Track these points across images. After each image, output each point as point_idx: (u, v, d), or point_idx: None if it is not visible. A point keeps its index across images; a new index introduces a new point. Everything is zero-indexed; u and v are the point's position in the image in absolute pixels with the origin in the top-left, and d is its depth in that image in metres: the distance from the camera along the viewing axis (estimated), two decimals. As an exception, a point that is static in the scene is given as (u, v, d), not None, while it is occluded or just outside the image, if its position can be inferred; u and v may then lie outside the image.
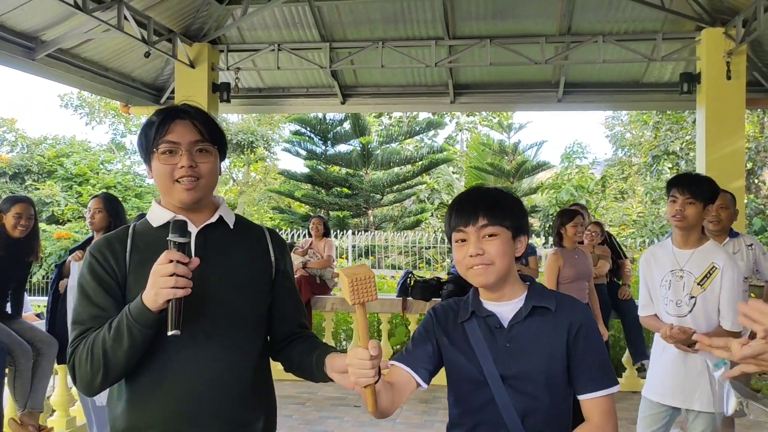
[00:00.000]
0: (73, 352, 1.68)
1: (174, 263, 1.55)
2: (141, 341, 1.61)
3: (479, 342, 1.76)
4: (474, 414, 1.78)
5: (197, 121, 1.76)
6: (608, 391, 1.75)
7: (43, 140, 23.88)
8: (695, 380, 3.21)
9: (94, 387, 1.67)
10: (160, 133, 1.73)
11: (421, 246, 16.88)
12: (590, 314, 1.83)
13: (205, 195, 1.78)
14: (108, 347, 1.62)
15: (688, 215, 3.18)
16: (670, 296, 3.27)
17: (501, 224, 1.74)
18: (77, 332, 1.69)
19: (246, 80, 9.27)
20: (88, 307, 1.71)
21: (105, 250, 1.75)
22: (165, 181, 1.74)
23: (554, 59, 7.89)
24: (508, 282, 1.79)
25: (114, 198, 4.51)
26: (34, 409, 4.33)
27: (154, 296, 1.56)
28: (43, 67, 7.09)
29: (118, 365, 1.64)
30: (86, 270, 1.74)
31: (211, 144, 1.77)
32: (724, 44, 7.13)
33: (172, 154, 1.73)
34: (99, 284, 1.71)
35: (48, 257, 18.10)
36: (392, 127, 23.39)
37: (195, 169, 1.73)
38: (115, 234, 1.80)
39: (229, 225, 1.85)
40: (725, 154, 7.16)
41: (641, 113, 19.43)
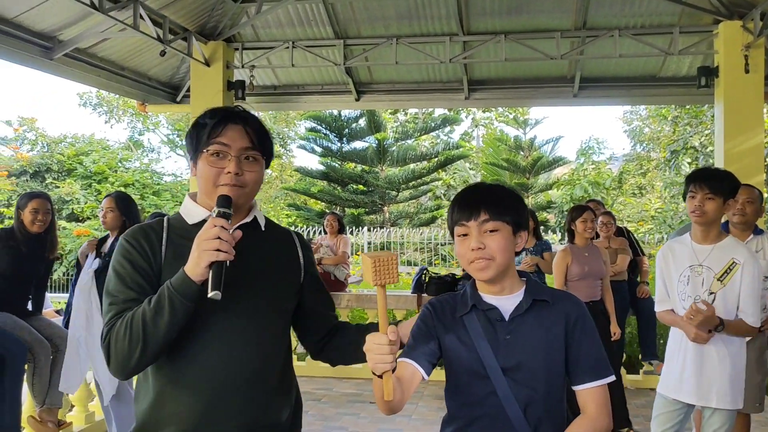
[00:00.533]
0: (110, 330, 1.66)
1: (218, 228, 1.57)
2: (182, 315, 1.61)
3: (479, 335, 1.79)
4: (474, 406, 1.81)
5: (250, 127, 1.76)
6: (603, 382, 1.79)
7: (63, 139, 24.13)
8: (711, 377, 3.19)
9: (130, 365, 1.65)
10: (212, 134, 1.73)
11: (436, 242, 16.87)
12: (585, 307, 1.86)
13: (246, 202, 1.81)
14: (148, 320, 1.61)
15: (707, 210, 3.16)
16: (689, 292, 3.25)
17: (502, 219, 1.77)
18: (114, 311, 1.68)
19: (261, 78, 9.30)
20: (124, 290, 1.70)
21: (141, 239, 1.75)
22: (208, 183, 1.75)
23: (570, 54, 7.83)
24: (508, 276, 1.83)
25: (126, 196, 4.55)
26: (53, 405, 4.38)
27: (197, 259, 1.57)
28: (61, 66, 7.16)
29: (156, 341, 1.62)
30: (121, 255, 1.74)
31: (260, 153, 1.78)
32: (742, 37, 7.04)
33: (220, 157, 1.73)
34: (135, 269, 1.71)
35: (68, 254, 18.31)
36: (408, 124, 23.39)
37: (240, 177, 1.73)
38: (149, 225, 1.80)
39: (261, 227, 1.88)
40: (744, 148, 7.08)
41: (660, 108, 19.25)
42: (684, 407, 3.32)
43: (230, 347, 1.72)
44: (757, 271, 3.16)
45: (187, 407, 1.70)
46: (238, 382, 1.72)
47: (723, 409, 3.19)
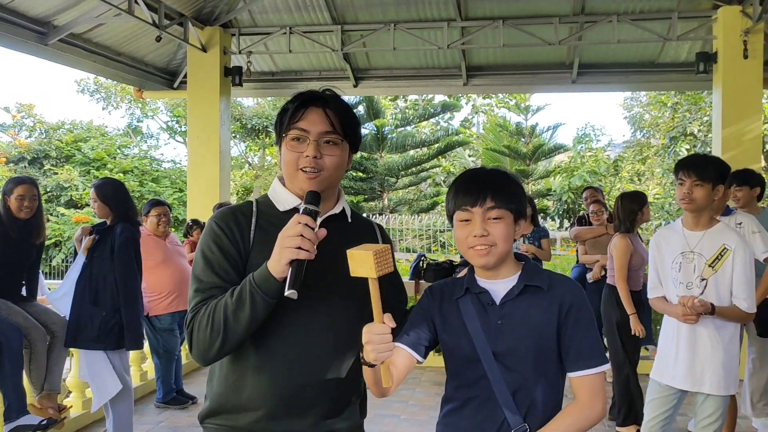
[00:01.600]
0: (194, 317, 1.67)
1: (302, 225, 1.56)
2: (262, 310, 1.61)
3: (472, 318, 1.79)
4: (467, 389, 1.83)
5: (331, 110, 1.74)
6: (597, 370, 1.77)
7: (61, 125, 24.10)
8: (704, 363, 3.19)
9: (210, 354, 1.66)
10: (292, 119, 1.73)
11: (436, 229, 16.87)
12: (582, 293, 1.85)
13: (327, 187, 1.77)
14: (229, 313, 1.61)
15: (696, 197, 3.16)
16: (681, 278, 3.25)
17: (506, 207, 1.76)
18: (199, 298, 1.69)
19: (258, 64, 9.26)
20: (210, 276, 1.70)
21: (231, 222, 1.75)
22: (290, 168, 1.74)
23: (568, 40, 7.79)
24: (505, 262, 1.82)
25: (104, 183, 4.40)
26: (51, 390, 4.39)
27: (278, 256, 1.56)
28: (56, 52, 7.12)
29: (237, 334, 1.63)
30: (210, 239, 1.74)
31: (340, 136, 1.75)
32: (741, 23, 7.00)
33: (300, 141, 1.72)
34: (223, 254, 1.71)
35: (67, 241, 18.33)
36: (407, 110, 23.31)
37: (319, 161, 1.71)
38: (238, 208, 1.81)
39: (348, 218, 1.87)
40: (742, 134, 7.06)
41: (660, 94, 19.19)
42: (677, 392, 3.33)
43: (311, 340, 1.72)
44: (748, 257, 3.16)
45: (266, 394, 1.72)
46: (315, 374, 1.73)
47: (716, 395, 3.20)
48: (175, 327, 5.63)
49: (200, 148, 8.23)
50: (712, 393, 3.20)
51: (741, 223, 4.26)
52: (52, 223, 18.96)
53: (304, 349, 1.72)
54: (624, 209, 4.96)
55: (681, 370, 3.26)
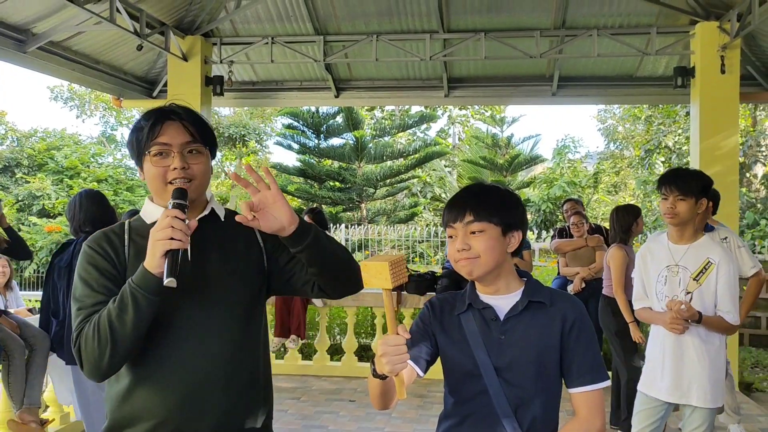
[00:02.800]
0: (79, 334, 1.67)
1: (171, 217, 1.60)
2: (146, 309, 1.61)
3: (474, 333, 1.80)
4: (467, 404, 1.83)
5: (188, 122, 1.78)
6: (598, 386, 1.80)
7: (34, 133, 23.74)
8: (691, 375, 3.22)
9: (102, 367, 1.66)
10: (151, 136, 1.75)
11: (414, 240, 16.88)
12: (584, 309, 1.87)
13: (198, 195, 1.81)
14: (114, 318, 1.62)
15: (679, 212, 3.20)
16: (666, 291, 3.29)
17: (488, 220, 1.78)
18: (82, 316, 1.69)
19: (239, 73, 9.21)
20: (91, 295, 1.71)
21: (104, 243, 1.78)
22: (158, 183, 1.77)
23: (549, 53, 7.88)
24: (502, 276, 1.83)
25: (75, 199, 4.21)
26: (32, 404, 4.30)
27: (152, 250, 1.59)
28: (34, 59, 7.01)
29: (125, 339, 1.62)
30: (85, 261, 1.76)
31: (202, 145, 1.80)
32: (719, 38, 7.13)
33: (163, 156, 1.75)
34: (100, 273, 1.73)
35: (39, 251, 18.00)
36: (385, 121, 23.36)
37: (188, 171, 1.75)
38: (111, 229, 1.83)
39: (221, 217, 1.88)
40: (719, 148, 7.17)
41: (633, 107, 19.47)
42: (664, 404, 3.35)
43: (199, 341, 1.73)
44: (732, 270, 3.20)
45: (159, 403, 1.72)
46: (210, 377, 1.73)
47: (703, 407, 3.23)
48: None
49: (180, 157, 8.14)
50: (699, 405, 3.23)
51: (726, 238, 4.33)
52: (24, 233, 18.62)
53: (187, 355, 1.72)
54: (620, 221, 5.08)
55: (668, 382, 3.29)
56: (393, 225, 18.46)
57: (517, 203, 1.87)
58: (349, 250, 2.11)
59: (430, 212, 22.51)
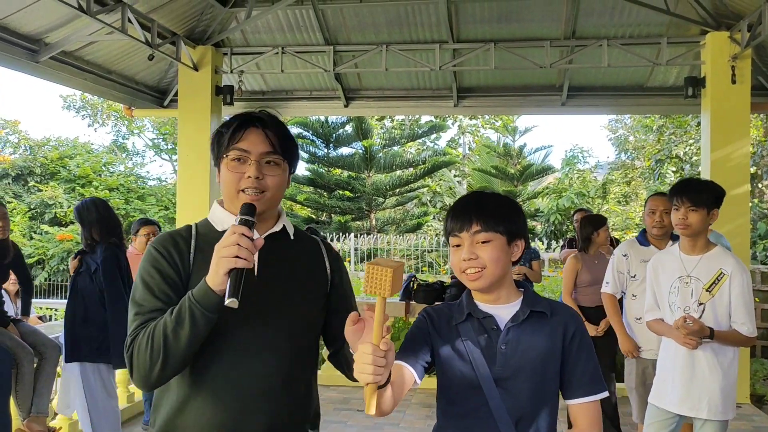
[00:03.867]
0: (133, 340, 1.63)
1: (238, 235, 1.54)
2: (202, 326, 1.57)
3: (474, 344, 1.78)
4: (465, 417, 1.79)
5: (271, 131, 1.74)
6: (596, 397, 1.79)
7: (46, 142, 23.93)
8: (702, 388, 3.19)
9: (152, 378, 1.62)
10: (232, 140, 1.72)
11: (423, 249, 16.86)
12: (582, 321, 1.86)
13: (269, 208, 1.77)
14: (169, 332, 1.57)
15: (691, 223, 3.18)
16: (678, 303, 3.26)
17: (494, 230, 1.76)
18: (138, 322, 1.65)
19: (249, 83, 9.25)
20: (150, 300, 1.67)
21: (169, 246, 1.73)
22: (231, 189, 1.73)
23: (558, 63, 7.86)
24: (504, 286, 1.82)
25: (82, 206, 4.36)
26: (40, 413, 4.31)
27: (216, 267, 1.54)
28: (47, 69, 7.07)
29: (177, 353, 1.59)
30: (149, 263, 1.71)
31: (281, 157, 1.75)
32: (729, 48, 7.10)
33: (241, 162, 1.72)
34: (162, 278, 1.69)
35: (50, 259, 18.11)
36: (395, 130, 23.39)
37: (261, 181, 1.71)
38: (177, 232, 1.79)
39: (290, 235, 1.85)
40: (730, 158, 7.13)
41: (645, 117, 19.39)
42: (675, 417, 3.32)
43: (255, 359, 1.70)
44: (746, 281, 3.18)
45: (210, 417, 1.68)
46: (261, 395, 1.70)
47: (714, 420, 3.20)
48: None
49: (190, 167, 8.18)
50: (710, 418, 3.20)
51: None
52: (36, 241, 18.74)
53: (245, 371, 1.69)
54: (581, 230, 5.38)
55: (679, 394, 3.26)
56: (402, 234, 18.46)
57: (519, 211, 1.86)
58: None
59: (439, 222, 22.46)
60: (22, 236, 18.75)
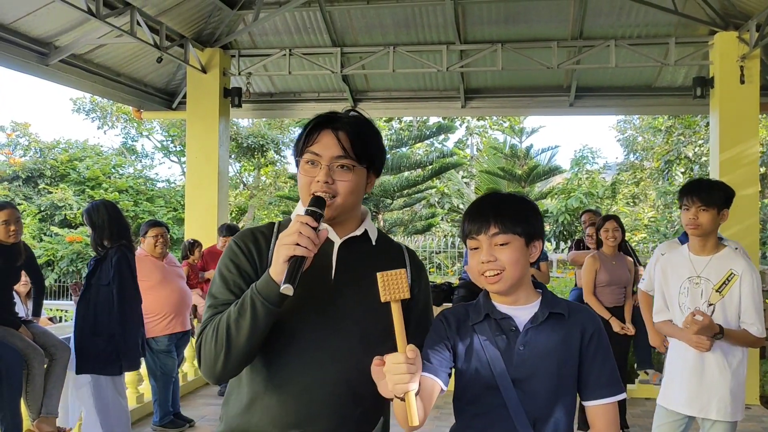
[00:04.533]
0: (202, 331, 1.65)
1: (300, 223, 1.55)
2: (263, 317, 1.57)
3: (491, 345, 1.76)
4: (482, 417, 1.78)
5: (344, 133, 1.69)
6: (614, 399, 1.77)
7: (56, 144, 24.05)
8: (711, 388, 3.18)
9: (217, 369, 1.62)
10: (307, 142, 1.71)
11: (431, 251, 16.85)
12: (600, 322, 1.84)
13: (341, 213, 1.72)
14: (231, 323, 1.58)
15: (702, 223, 3.16)
16: (688, 304, 3.24)
17: (513, 232, 1.74)
18: (210, 313, 1.67)
19: (257, 85, 9.28)
20: (225, 293, 1.68)
21: (249, 242, 1.75)
22: (304, 191, 1.71)
23: (566, 64, 7.85)
24: (522, 287, 1.80)
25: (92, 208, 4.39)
26: (49, 414, 4.33)
27: (276, 255, 1.55)
28: (57, 72, 7.13)
29: (239, 345, 1.59)
30: (228, 257, 1.73)
31: (354, 161, 1.69)
32: (738, 48, 7.07)
33: (313, 165, 1.69)
34: (239, 272, 1.70)
35: (60, 261, 18.21)
36: (402, 132, 23.37)
37: (331, 186, 1.67)
38: (259, 229, 1.80)
39: (372, 240, 1.82)
40: (739, 158, 7.10)
41: (653, 118, 19.32)
42: (684, 418, 3.30)
43: (325, 362, 1.68)
44: (756, 282, 3.16)
45: (274, 418, 1.68)
46: (325, 401, 1.67)
47: (723, 420, 3.18)
48: (173, 349, 5.57)
49: (198, 168, 8.22)
50: (720, 419, 3.18)
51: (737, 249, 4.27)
52: (45, 243, 18.84)
53: (312, 376, 1.67)
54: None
55: (688, 395, 3.24)
56: (410, 236, 18.44)
57: (537, 212, 1.84)
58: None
59: (447, 223, 22.46)
60: (32, 238, 18.86)
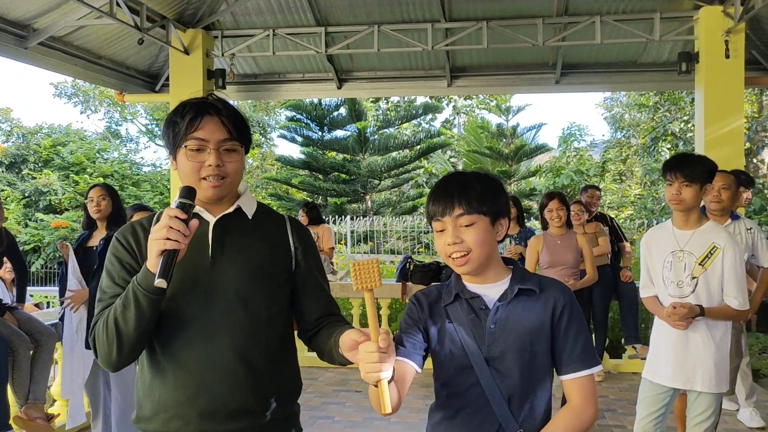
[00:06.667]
0: (95, 325, 1.74)
1: (169, 217, 1.59)
2: (146, 307, 1.64)
3: (463, 324, 1.76)
4: (459, 397, 1.79)
5: (226, 118, 1.76)
6: (589, 372, 1.76)
7: (39, 129, 23.79)
8: (696, 361, 3.21)
9: (112, 360, 1.71)
10: (189, 129, 1.73)
11: (419, 231, 16.87)
12: (573, 295, 1.83)
13: (229, 192, 1.81)
14: (118, 315, 1.66)
15: (685, 198, 3.18)
16: (672, 277, 3.27)
17: (478, 212, 1.73)
18: (101, 307, 1.75)
19: (241, 66, 9.20)
20: (111, 286, 1.76)
21: (128, 236, 1.81)
22: (190, 177, 1.75)
23: (552, 41, 7.82)
24: (491, 266, 1.79)
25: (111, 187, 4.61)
26: (37, 400, 4.32)
27: (149, 250, 1.61)
28: (36, 55, 7.02)
29: (128, 335, 1.67)
30: (111, 253, 1.80)
31: (239, 143, 1.79)
32: (723, 23, 7.06)
33: (200, 151, 1.74)
34: (122, 266, 1.77)
35: (46, 247, 18.08)
36: (389, 112, 23.31)
37: (222, 168, 1.75)
38: (139, 222, 1.86)
39: (248, 215, 1.86)
40: (724, 133, 7.12)
41: (640, 95, 19.34)
42: (669, 391, 3.34)
43: (213, 334, 1.74)
44: (738, 255, 3.18)
45: (171, 398, 1.76)
46: (220, 367, 1.74)
47: (708, 392, 3.22)
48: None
49: (183, 151, 8.15)
50: (704, 391, 3.22)
51: (751, 229, 4.31)
52: (31, 229, 18.69)
53: (198, 351, 1.75)
54: None
55: (673, 368, 3.27)
56: (398, 216, 18.45)
57: (501, 190, 1.82)
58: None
59: (435, 203, 22.39)
60: (17, 224, 18.70)
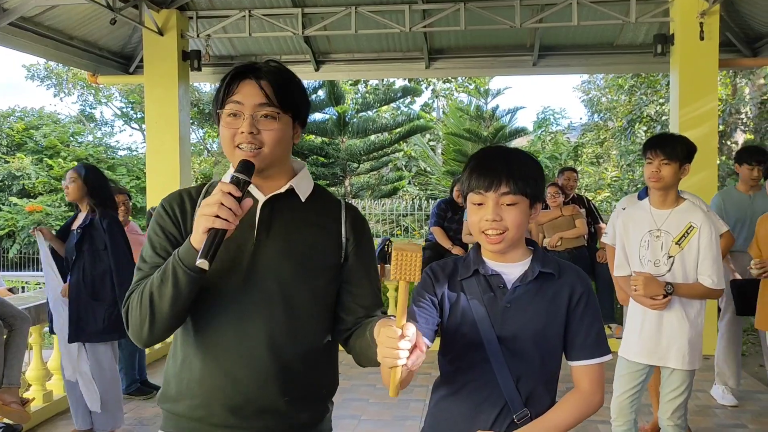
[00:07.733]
0: (129, 296, 1.64)
1: (222, 193, 1.48)
2: (185, 285, 1.53)
3: (478, 300, 1.75)
4: (466, 372, 1.77)
5: (266, 82, 1.62)
6: (601, 360, 1.78)
7: (11, 113, 23.36)
8: (670, 339, 3.26)
9: (143, 336, 1.62)
10: (226, 93, 1.64)
11: (399, 214, 16.90)
12: (590, 283, 1.83)
13: (269, 165, 1.65)
14: (154, 290, 1.56)
15: (664, 176, 3.22)
16: (648, 256, 3.31)
17: (522, 193, 1.70)
18: (138, 277, 1.66)
19: (217, 48, 9.07)
20: (152, 256, 1.67)
21: (175, 205, 1.71)
22: (227, 146, 1.65)
23: (529, 22, 7.81)
24: (518, 246, 1.78)
25: (91, 167, 4.52)
26: (11, 384, 4.29)
27: (196, 225, 1.50)
28: (6, 36, 6.85)
29: (162, 311, 1.56)
30: (155, 220, 1.70)
31: (279, 109, 1.63)
32: (698, 5, 7.09)
33: (236, 117, 1.62)
34: (165, 236, 1.67)
35: (20, 231, 17.83)
36: (368, 95, 23.20)
37: (256, 136, 1.61)
38: (188, 191, 1.75)
39: (301, 198, 1.73)
40: (698, 114, 7.18)
41: (617, 77, 19.45)
42: (645, 368, 3.39)
43: (244, 330, 1.64)
44: (714, 234, 3.23)
45: (198, 385, 1.66)
46: (249, 356, 1.63)
47: (681, 369, 3.28)
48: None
49: (159, 134, 8.04)
50: (677, 368, 3.28)
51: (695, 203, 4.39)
52: (5, 213, 18.42)
53: (231, 335, 1.64)
54: None
55: (647, 345, 3.33)
56: (377, 199, 18.45)
57: (542, 173, 1.79)
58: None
59: (414, 186, 22.48)
60: (-9, 209, 18.42)
